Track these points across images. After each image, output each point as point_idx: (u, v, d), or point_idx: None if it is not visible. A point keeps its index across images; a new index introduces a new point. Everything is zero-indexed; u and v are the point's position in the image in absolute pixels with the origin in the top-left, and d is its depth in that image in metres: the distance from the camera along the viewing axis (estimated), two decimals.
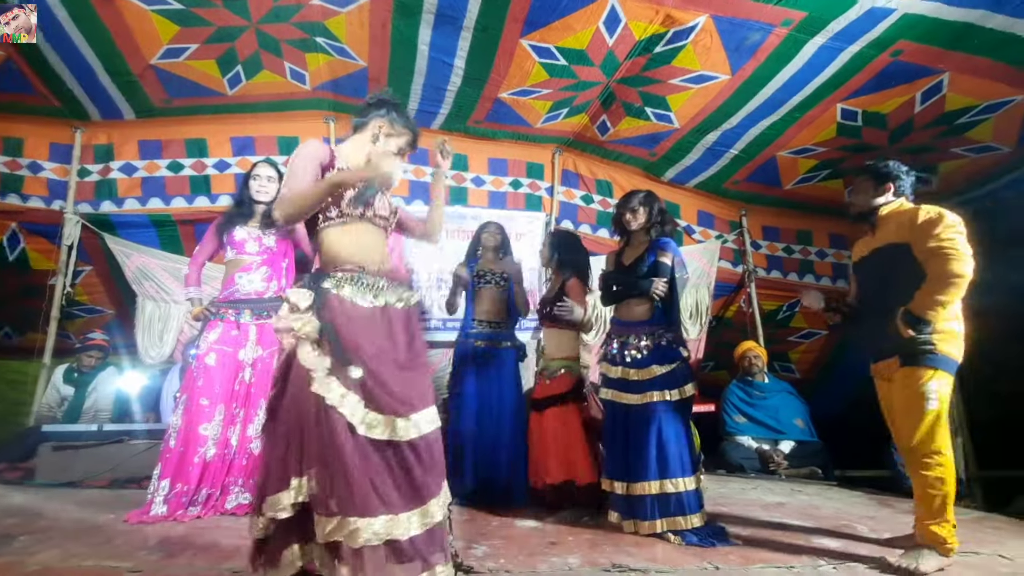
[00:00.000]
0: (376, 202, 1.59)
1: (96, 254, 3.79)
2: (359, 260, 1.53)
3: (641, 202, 2.46)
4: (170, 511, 2.31)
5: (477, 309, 2.97)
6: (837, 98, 3.38)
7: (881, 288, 2.13)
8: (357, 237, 1.56)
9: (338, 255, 1.54)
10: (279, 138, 3.93)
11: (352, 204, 1.53)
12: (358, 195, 1.53)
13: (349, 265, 1.52)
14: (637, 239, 2.48)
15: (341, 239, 1.55)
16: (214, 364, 2.54)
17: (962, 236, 1.93)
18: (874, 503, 3.02)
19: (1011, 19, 2.68)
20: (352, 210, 1.54)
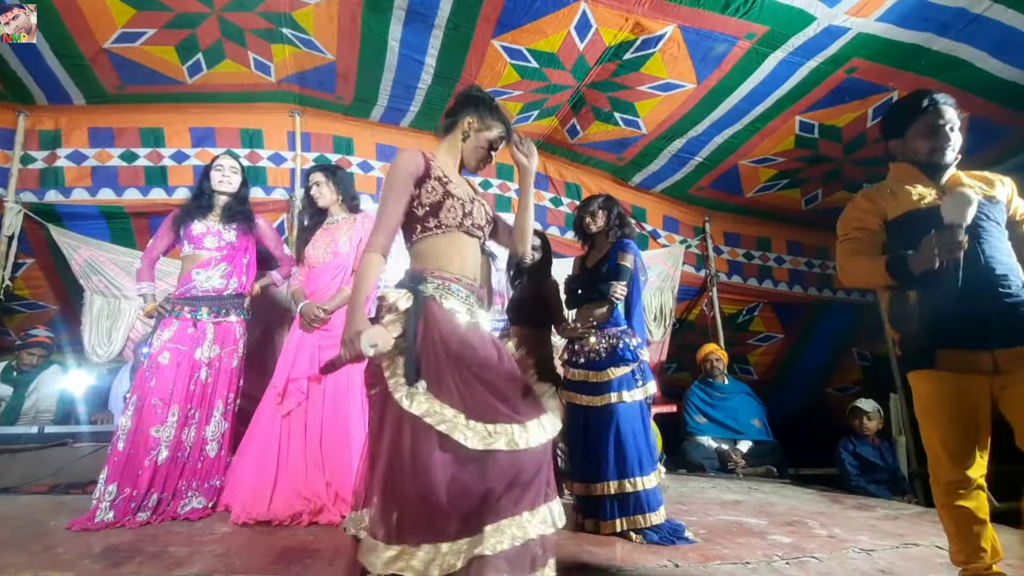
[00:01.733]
0: (475, 210, 1.51)
1: (39, 246, 3.57)
2: (456, 270, 1.45)
3: (600, 206, 2.48)
4: (117, 517, 2.20)
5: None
6: (796, 111, 3.52)
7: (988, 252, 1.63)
8: (456, 248, 1.48)
9: (436, 262, 1.45)
10: (241, 130, 3.80)
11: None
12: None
13: (448, 273, 1.44)
14: (599, 242, 2.51)
15: (439, 248, 1.47)
16: (168, 363, 2.44)
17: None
18: (825, 500, 3.15)
19: (954, 43, 2.86)
20: (452, 220, 1.46)
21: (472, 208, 1.50)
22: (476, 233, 1.53)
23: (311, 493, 2.37)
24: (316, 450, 2.46)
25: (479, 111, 1.59)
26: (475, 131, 1.58)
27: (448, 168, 1.54)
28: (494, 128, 1.59)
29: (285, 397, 2.50)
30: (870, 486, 3.52)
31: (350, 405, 2.57)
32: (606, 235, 2.47)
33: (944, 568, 1.95)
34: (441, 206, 1.46)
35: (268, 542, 2.05)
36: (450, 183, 1.49)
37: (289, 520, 2.28)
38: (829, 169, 4.09)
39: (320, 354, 2.54)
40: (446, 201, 1.46)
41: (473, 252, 1.52)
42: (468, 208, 1.49)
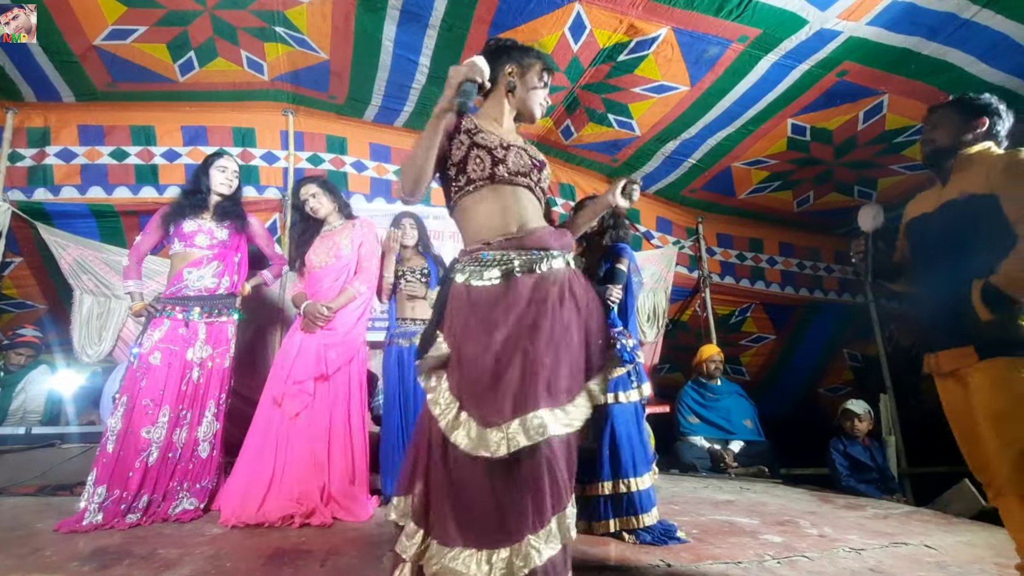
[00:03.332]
0: (510, 158, 1.35)
1: (28, 245, 3.53)
2: (494, 230, 1.31)
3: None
4: (106, 519, 2.18)
5: (401, 308, 2.89)
6: (788, 113, 3.55)
7: (951, 254, 1.68)
8: (490, 204, 1.34)
9: (470, 229, 1.35)
10: (234, 129, 3.77)
11: (460, 100, 1.25)
12: (459, 96, 1.26)
13: (477, 242, 1.32)
14: (594, 245, 2.51)
15: (472, 209, 1.35)
16: (159, 364, 2.42)
17: None
18: (815, 499, 3.18)
19: (943, 47, 2.89)
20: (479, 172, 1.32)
21: (506, 154, 1.35)
22: (517, 181, 1.36)
23: (303, 496, 2.35)
24: (323, 450, 2.46)
25: (512, 57, 1.46)
26: (519, 77, 1.46)
27: (485, 123, 1.43)
28: (535, 63, 1.48)
29: (288, 400, 2.48)
30: (860, 486, 3.55)
31: (351, 404, 2.60)
32: (601, 238, 2.46)
33: (933, 567, 1.98)
34: (466, 159, 1.35)
35: (259, 544, 2.03)
36: (478, 133, 1.37)
37: (280, 522, 2.27)
38: (821, 171, 4.12)
39: (326, 353, 2.55)
40: (470, 153, 1.35)
41: (512, 202, 1.35)
42: (500, 155, 1.34)
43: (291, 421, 2.46)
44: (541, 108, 1.51)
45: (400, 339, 2.84)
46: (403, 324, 2.87)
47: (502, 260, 1.28)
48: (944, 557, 2.08)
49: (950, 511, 2.98)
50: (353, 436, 2.57)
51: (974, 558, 2.09)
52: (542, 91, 1.50)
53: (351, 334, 2.67)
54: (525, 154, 1.40)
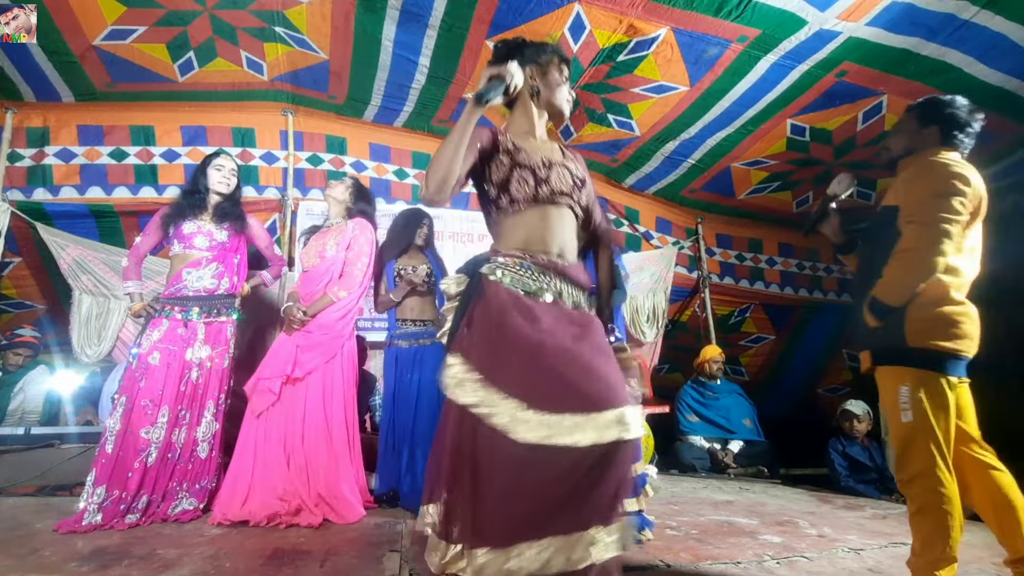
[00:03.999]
0: (552, 176, 1.35)
1: (27, 244, 3.53)
2: (535, 247, 1.31)
3: None
4: (105, 519, 2.18)
5: (401, 309, 2.82)
6: (787, 114, 3.55)
7: (866, 260, 1.81)
8: (533, 222, 1.33)
9: (510, 242, 1.33)
10: (233, 129, 3.77)
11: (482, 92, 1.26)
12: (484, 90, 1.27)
13: (517, 252, 1.31)
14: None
15: (514, 226, 1.34)
16: (158, 364, 2.41)
17: (946, 199, 1.59)
18: (815, 500, 3.18)
19: (943, 48, 2.89)
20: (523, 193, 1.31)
21: (549, 174, 1.34)
22: (558, 200, 1.35)
23: (288, 493, 2.34)
24: (298, 449, 2.44)
25: (527, 59, 1.43)
26: (541, 78, 1.45)
27: (522, 137, 1.41)
28: (552, 58, 1.45)
29: (254, 397, 2.47)
30: (859, 486, 3.55)
31: (334, 405, 2.55)
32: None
33: None
34: (509, 180, 1.33)
35: (258, 544, 2.03)
36: (520, 152, 1.36)
37: (266, 521, 2.25)
38: (820, 172, 4.12)
39: (299, 355, 2.52)
40: (513, 173, 1.33)
41: (557, 223, 1.35)
42: (543, 174, 1.33)
43: (263, 418, 2.45)
44: (568, 103, 1.49)
45: (400, 340, 2.80)
46: (403, 325, 2.82)
47: (545, 277, 1.30)
48: None
49: None
50: (333, 437, 2.50)
51: (972, 558, 2.09)
52: (565, 86, 1.46)
53: (330, 334, 2.58)
54: (567, 172, 1.39)
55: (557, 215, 1.35)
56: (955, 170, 1.63)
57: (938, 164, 1.65)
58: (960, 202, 1.60)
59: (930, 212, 1.60)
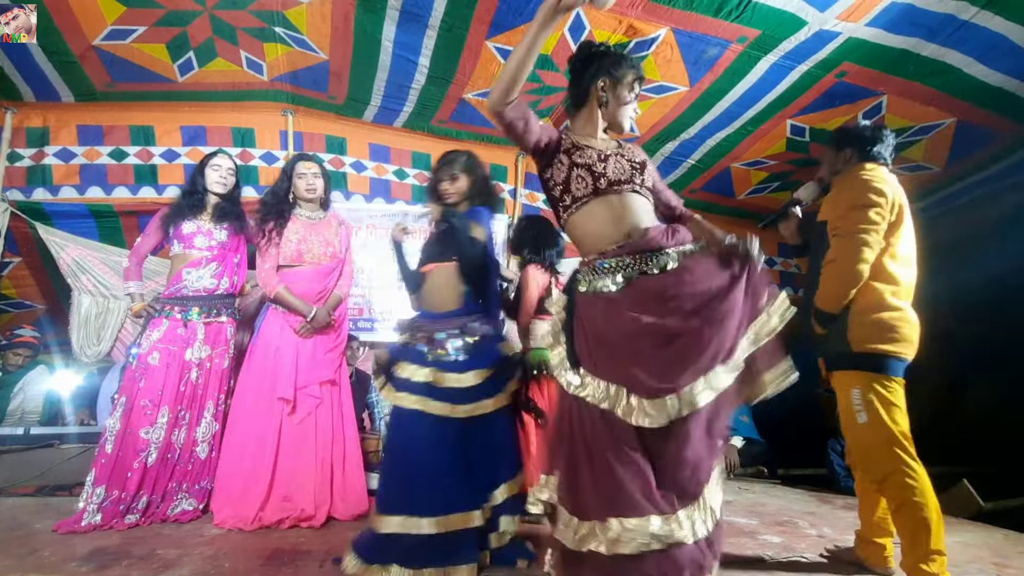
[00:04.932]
0: (609, 168, 1.41)
1: (26, 244, 3.52)
2: (605, 241, 1.39)
3: (464, 167, 2.00)
4: (105, 519, 2.18)
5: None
6: (787, 114, 3.55)
7: (809, 273, 1.95)
8: (598, 215, 1.41)
9: (583, 244, 1.44)
10: (233, 129, 3.77)
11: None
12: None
13: (592, 253, 1.41)
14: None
15: (581, 225, 1.43)
16: (158, 364, 2.41)
17: (862, 210, 1.73)
18: (814, 500, 3.18)
19: (943, 48, 2.89)
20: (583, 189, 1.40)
21: (605, 166, 1.41)
22: (621, 188, 1.42)
23: (302, 500, 2.35)
24: (326, 454, 2.46)
25: (603, 69, 1.49)
26: (611, 91, 1.49)
27: (581, 139, 1.48)
28: (627, 74, 1.50)
29: (300, 404, 2.47)
30: None
31: (345, 404, 2.61)
32: (469, 204, 2.01)
33: None
34: (570, 180, 1.42)
35: (258, 544, 2.03)
36: (576, 151, 1.43)
37: (275, 524, 2.27)
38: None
39: (329, 357, 2.59)
40: (572, 172, 1.42)
41: (620, 209, 1.41)
42: (599, 168, 1.41)
43: (296, 425, 2.45)
44: (631, 120, 1.55)
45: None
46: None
47: (620, 266, 1.36)
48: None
49: (948, 511, 2.98)
50: (347, 436, 2.57)
51: (972, 558, 2.09)
52: (633, 104, 1.53)
53: (342, 334, 2.70)
54: (623, 159, 1.45)
55: (620, 202, 1.42)
56: (871, 184, 1.77)
57: (857, 180, 1.80)
58: (876, 212, 1.73)
59: (849, 224, 1.76)
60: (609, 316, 1.32)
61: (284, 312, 2.56)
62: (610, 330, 1.32)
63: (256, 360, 2.53)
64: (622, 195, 1.42)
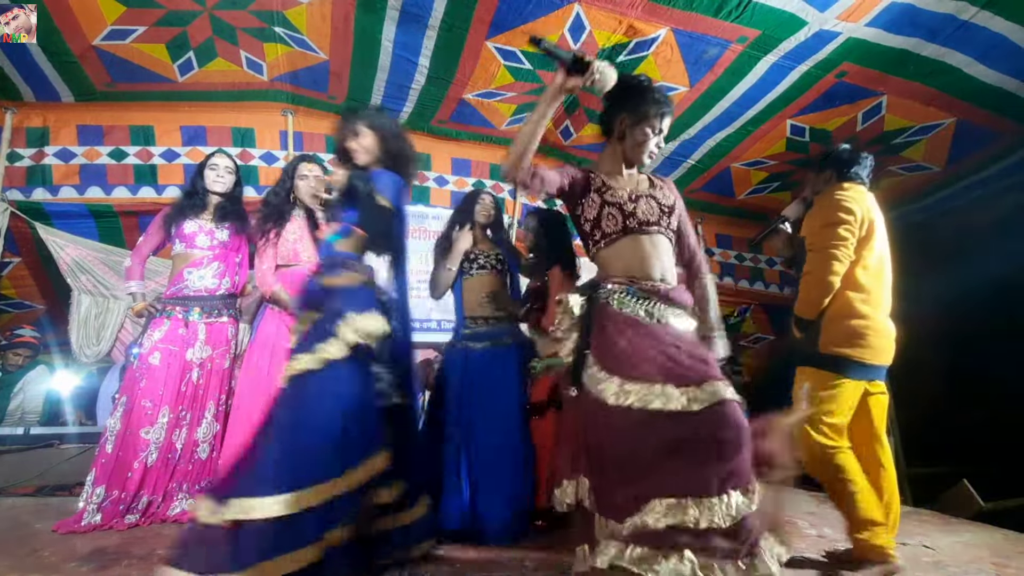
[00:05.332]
0: (639, 209, 1.50)
1: (26, 244, 3.52)
2: (634, 274, 1.48)
3: (369, 122, 1.82)
4: (105, 519, 2.18)
5: (469, 302, 2.47)
6: (787, 114, 3.55)
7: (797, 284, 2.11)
8: (627, 252, 1.50)
9: (611, 271, 1.51)
10: (233, 129, 3.77)
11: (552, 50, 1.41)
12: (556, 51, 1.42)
13: (622, 279, 1.48)
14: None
15: (610, 257, 1.52)
16: (159, 364, 2.41)
17: (832, 228, 1.90)
18: (814, 500, 3.17)
19: (942, 48, 2.89)
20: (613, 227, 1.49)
21: (635, 207, 1.50)
22: (648, 230, 1.50)
23: None
24: None
25: (627, 105, 1.54)
26: (629, 128, 1.55)
27: (610, 175, 1.56)
28: (648, 112, 1.53)
29: None
30: None
31: None
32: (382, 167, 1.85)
33: (930, 567, 1.98)
34: (600, 217, 1.51)
35: None
36: (608, 190, 1.51)
37: None
38: None
39: None
40: (603, 211, 1.50)
41: (650, 250, 1.49)
42: (629, 208, 1.49)
43: None
44: (650, 157, 1.57)
45: (470, 342, 2.42)
46: (473, 324, 2.44)
47: (648, 300, 1.44)
48: (942, 557, 2.08)
49: (948, 511, 2.98)
50: None
51: (972, 558, 2.09)
52: (651, 141, 1.54)
53: None
54: (653, 201, 1.53)
55: (650, 243, 1.50)
56: (842, 203, 1.94)
57: (831, 199, 1.96)
58: (846, 229, 1.90)
59: (822, 240, 1.93)
60: (639, 331, 1.40)
61: (281, 312, 2.55)
62: (645, 341, 1.38)
63: (254, 360, 2.52)
64: (652, 236, 1.50)
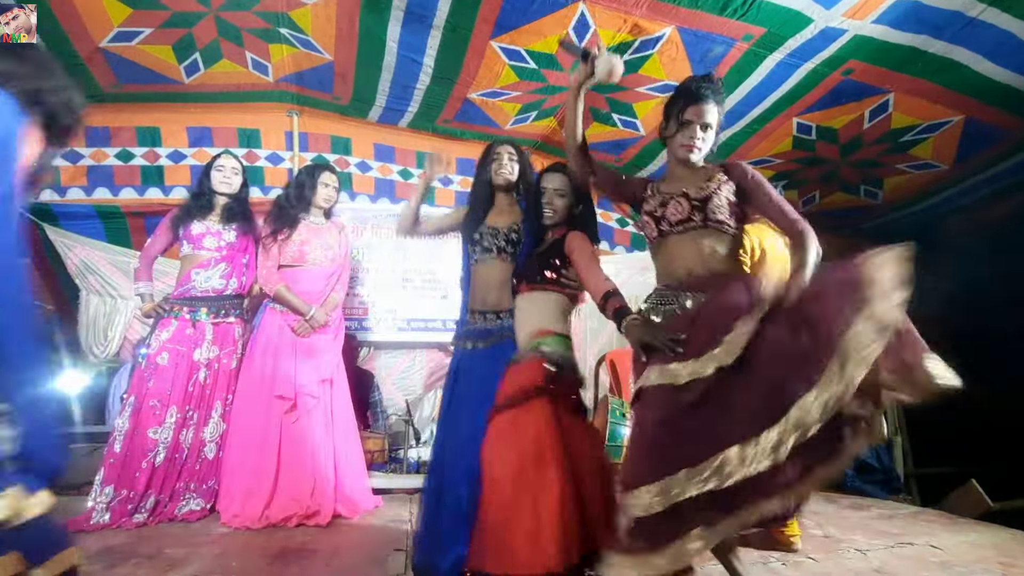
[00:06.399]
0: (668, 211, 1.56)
1: (34, 245, 3.54)
2: (668, 275, 1.56)
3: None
4: (113, 519, 2.20)
5: (472, 293, 1.96)
6: (793, 112, 3.53)
7: None
8: (661, 254, 1.59)
9: (657, 283, 1.60)
10: (239, 130, 3.79)
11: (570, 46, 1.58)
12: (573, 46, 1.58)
13: (659, 284, 1.58)
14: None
15: (656, 267, 1.62)
16: (166, 364, 2.44)
17: None
18: (820, 499, 3.17)
19: (950, 45, 2.87)
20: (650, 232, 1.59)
21: (664, 211, 1.57)
22: (676, 230, 1.55)
23: (308, 498, 2.37)
24: (328, 453, 2.48)
25: (667, 115, 1.68)
26: (665, 130, 1.69)
27: (661, 182, 1.67)
28: (673, 108, 1.65)
29: (298, 405, 2.49)
30: (865, 486, 3.54)
31: (345, 401, 2.66)
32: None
33: (938, 567, 1.97)
34: (643, 226, 1.64)
35: (265, 543, 2.05)
36: (648, 200, 1.63)
37: (281, 522, 2.29)
38: (826, 171, 4.10)
39: (326, 357, 2.62)
40: (642, 218, 1.63)
41: (678, 250, 1.54)
42: (660, 212, 1.57)
43: (294, 423, 2.47)
44: (685, 149, 1.60)
45: (466, 340, 1.94)
46: (472, 320, 1.93)
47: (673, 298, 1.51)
48: (949, 557, 2.07)
49: (956, 512, 2.96)
50: (349, 433, 2.62)
51: (979, 558, 2.08)
52: (680, 135, 1.61)
53: (339, 334, 2.75)
54: (684, 200, 1.55)
55: (678, 243, 1.54)
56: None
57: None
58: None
59: None
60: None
61: (283, 311, 2.59)
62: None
63: (256, 359, 2.55)
64: (683, 235, 1.54)
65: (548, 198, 1.88)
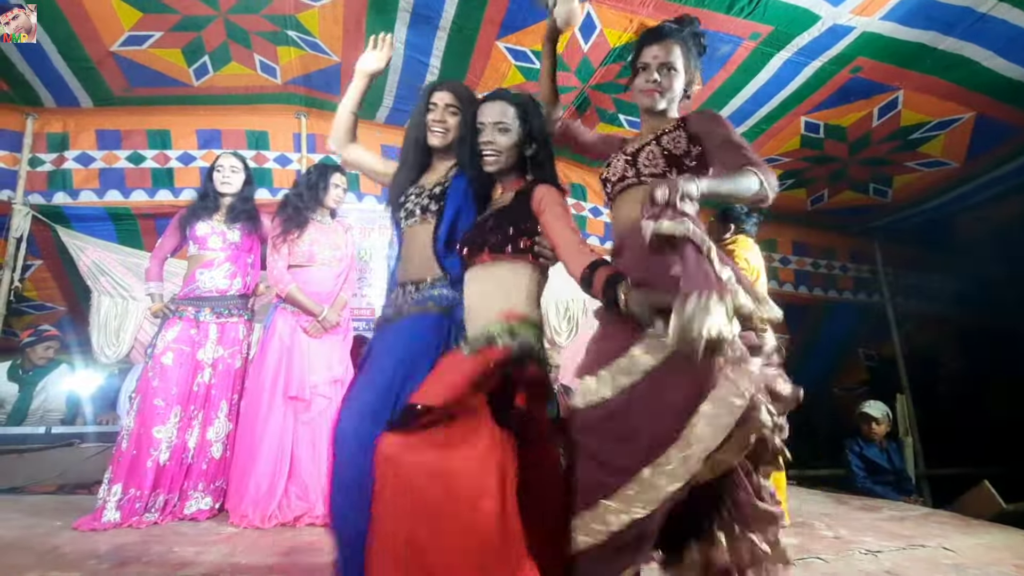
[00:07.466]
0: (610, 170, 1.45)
1: (47, 247, 3.60)
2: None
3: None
4: (123, 518, 2.22)
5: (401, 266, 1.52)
6: (801, 111, 3.51)
7: None
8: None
9: None
10: (247, 132, 3.82)
11: None
12: None
13: None
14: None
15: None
16: (171, 364, 2.45)
17: None
18: (831, 501, 3.14)
19: (960, 42, 2.84)
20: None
21: (608, 171, 1.44)
22: (616, 189, 1.41)
23: (317, 498, 2.38)
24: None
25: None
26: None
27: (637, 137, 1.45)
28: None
29: (310, 405, 2.51)
30: (876, 487, 3.50)
31: None
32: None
33: (950, 569, 1.94)
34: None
35: (273, 541, 2.06)
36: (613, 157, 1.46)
37: (290, 522, 2.31)
38: (835, 169, 4.07)
39: (338, 355, 2.64)
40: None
41: (617, 212, 1.41)
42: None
43: (305, 424, 2.48)
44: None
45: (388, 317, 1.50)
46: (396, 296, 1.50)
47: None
48: (962, 559, 2.04)
49: (968, 513, 2.92)
50: None
51: (993, 560, 2.05)
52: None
53: (348, 333, 2.79)
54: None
55: (619, 206, 1.41)
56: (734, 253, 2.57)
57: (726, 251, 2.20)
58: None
59: None
60: None
61: (294, 312, 2.61)
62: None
63: (268, 360, 2.57)
64: (624, 193, 1.39)
65: (487, 135, 1.37)
